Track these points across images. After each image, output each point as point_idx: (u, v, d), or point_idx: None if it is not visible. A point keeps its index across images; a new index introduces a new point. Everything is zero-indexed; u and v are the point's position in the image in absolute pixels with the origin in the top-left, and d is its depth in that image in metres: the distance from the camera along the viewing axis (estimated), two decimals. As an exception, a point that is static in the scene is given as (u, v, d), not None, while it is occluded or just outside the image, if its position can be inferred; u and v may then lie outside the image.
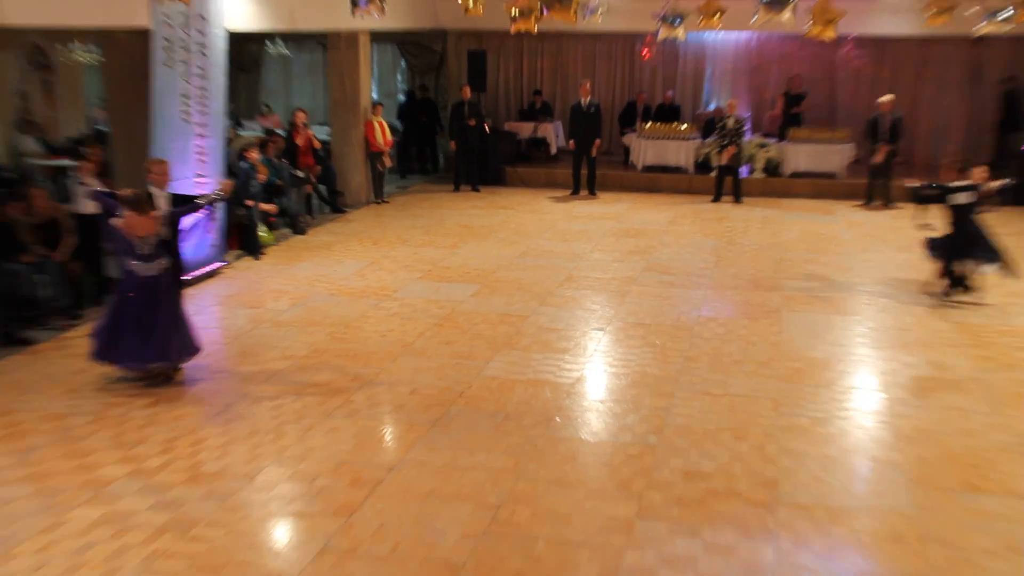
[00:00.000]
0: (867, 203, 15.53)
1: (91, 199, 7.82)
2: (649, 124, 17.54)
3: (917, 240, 10.52)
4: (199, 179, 10.44)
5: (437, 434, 6.66)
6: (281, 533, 5.42)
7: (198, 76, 10.28)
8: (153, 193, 8.27)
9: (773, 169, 16.81)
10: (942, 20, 13.64)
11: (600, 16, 14.54)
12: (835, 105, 18.55)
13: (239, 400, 7.23)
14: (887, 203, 15.24)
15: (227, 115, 13.08)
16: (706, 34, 18.01)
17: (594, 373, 8.00)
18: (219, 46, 10.64)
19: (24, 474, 5.99)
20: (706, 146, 16.72)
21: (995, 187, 9.67)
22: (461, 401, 7.26)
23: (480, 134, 16.56)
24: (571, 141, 16.32)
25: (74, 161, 12.11)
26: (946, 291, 10.00)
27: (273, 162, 12.76)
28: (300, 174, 13.71)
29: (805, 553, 5.20)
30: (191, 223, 8.15)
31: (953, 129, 17.91)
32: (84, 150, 13.15)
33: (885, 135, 15.00)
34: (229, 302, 10.01)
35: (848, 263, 11.76)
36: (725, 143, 15.56)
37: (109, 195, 7.74)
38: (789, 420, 6.95)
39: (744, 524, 5.47)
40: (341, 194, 14.91)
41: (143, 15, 9.31)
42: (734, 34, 18.14)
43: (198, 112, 10.38)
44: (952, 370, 8.07)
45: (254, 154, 12.07)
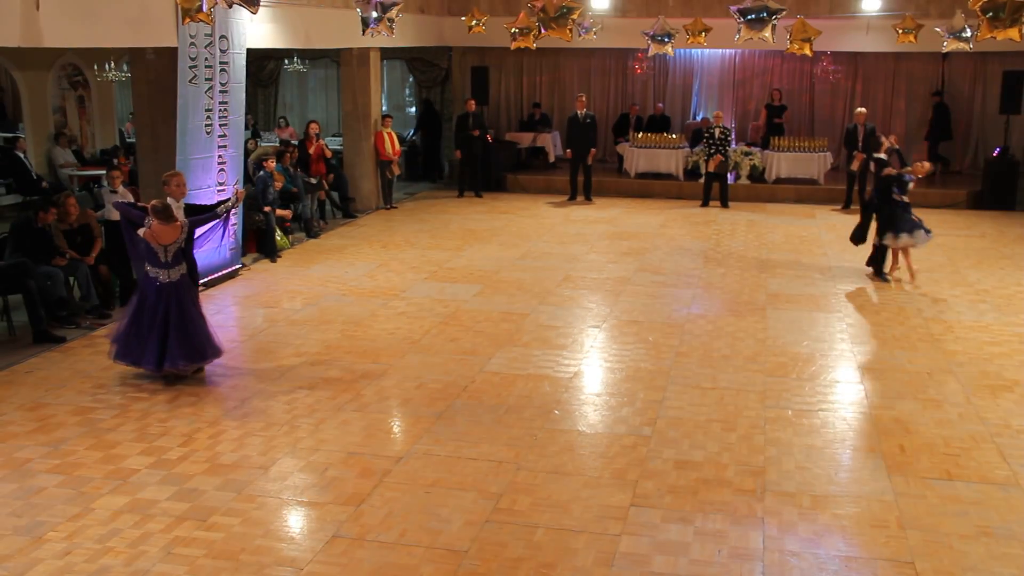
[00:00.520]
0: (845, 207, 15.45)
1: (119, 210, 7.65)
2: (641, 134, 17.45)
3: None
4: (220, 187, 10.36)
5: (442, 426, 6.56)
6: (294, 521, 5.32)
7: (220, 92, 10.22)
8: (171, 204, 8.17)
9: (757, 176, 16.76)
10: (911, 38, 13.60)
11: (594, 34, 14.50)
12: (814, 116, 18.50)
13: (255, 395, 7.13)
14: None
15: (246, 127, 13.02)
16: (693, 51, 17.96)
17: (591, 368, 7.90)
18: (239, 63, 10.59)
19: (54, 464, 5.92)
20: (695, 154, 16.61)
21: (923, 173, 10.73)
22: (465, 395, 7.16)
23: (483, 144, 16.49)
24: (568, 150, 16.26)
25: (105, 171, 12.05)
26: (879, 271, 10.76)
27: (289, 171, 12.72)
28: (313, 181, 13.62)
29: (791, 538, 5.11)
30: (207, 230, 8.03)
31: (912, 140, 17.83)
32: (115, 161, 13.13)
33: (860, 144, 14.90)
34: (246, 302, 9.92)
35: (828, 263, 11.64)
36: (712, 151, 15.48)
37: (136, 207, 7.60)
38: (775, 412, 6.85)
39: (733, 511, 5.38)
40: (352, 200, 14.84)
41: (170, 35, 9.31)
42: (719, 51, 18.08)
43: (220, 125, 10.31)
44: (927, 363, 7.95)
45: (271, 163, 12.01)
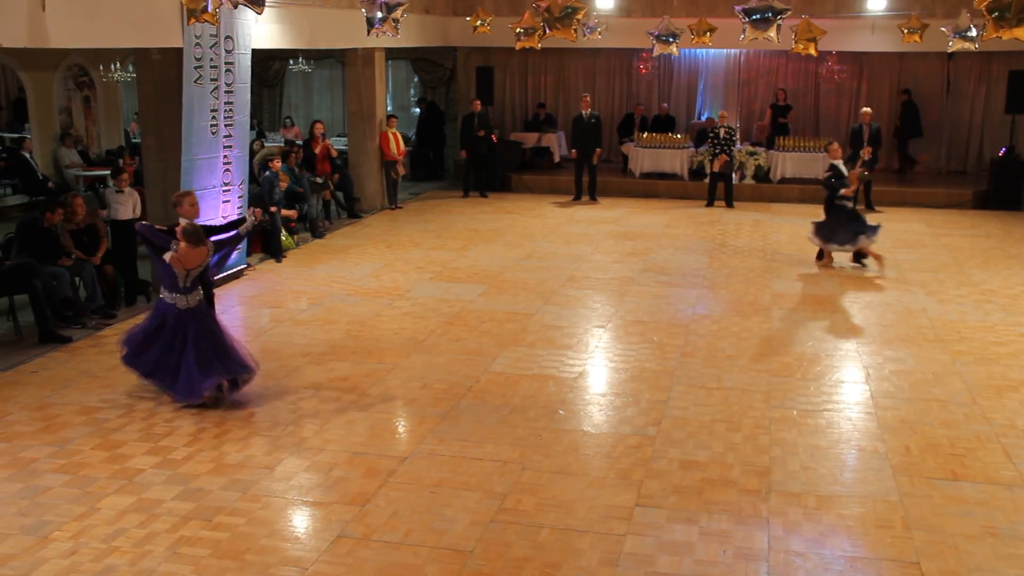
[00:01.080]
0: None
1: (141, 233, 7.04)
2: (646, 134, 17.42)
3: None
4: (225, 187, 10.36)
5: (447, 426, 6.56)
6: (299, 521, 5.32)
7: (225, 92, 10.23)
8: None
9: (762, 176, 16.72)
10: (916, 38, 13.56)
11: (599, 34, 14.47)
12: (819, 116, 18.46)
13: (260, 394, 7.12)
14: (869, 207, 15.07)
15: (252, 127, 13.03)
16: (698, 50, 17.94)
17: (595, 368, 7.88)
18: (244, 64, 10.59)
19: (60, 464, 5.92)
20: (699, 154, 16.59)
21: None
22: (470, 395, 7.15)
23: (488, 144, 16.48)
24: (573, 150, 16.28)
25: (110, 171, 12.07)
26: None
27: (294, 171, 12.72)
28: (319, 180, 13.62)
29: (796, 538, 5.09)
30: (224, 251, 7.60)
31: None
32: (120, 161, 13.16)
33: (866, 144, 14.83)
34: (252, 302, 9.92)
35: (833, 263, 11.59)
36: (717, 151, 15.45)
37: (160, 230, 7.02)
38: (780, 412, 6.84)
39: (738, 511, 5.37)
40: (357, 200, 14.83)
41: (176, 36, 9.32)
42: (724, 50, 18.05)
43: (225, 125, 10.31)
44: (933, 364, 7.93)
45: (277, 163, 12.01)
